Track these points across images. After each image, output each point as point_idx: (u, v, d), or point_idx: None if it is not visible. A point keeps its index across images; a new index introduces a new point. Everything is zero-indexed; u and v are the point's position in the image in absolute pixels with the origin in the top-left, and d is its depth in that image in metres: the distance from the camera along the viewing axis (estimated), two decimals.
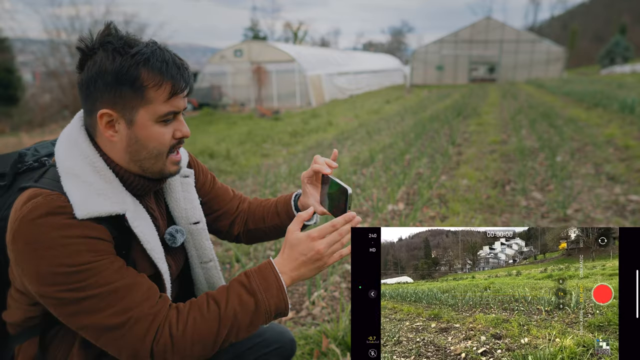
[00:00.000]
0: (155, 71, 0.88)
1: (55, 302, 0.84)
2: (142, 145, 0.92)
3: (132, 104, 0.89)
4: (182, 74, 0.92)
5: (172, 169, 0.98)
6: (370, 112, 14.28)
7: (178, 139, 0.96)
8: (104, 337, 0.85)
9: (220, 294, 0.93)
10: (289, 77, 18.57)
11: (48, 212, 0.82)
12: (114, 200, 0.90)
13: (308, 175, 1.14)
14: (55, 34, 17.57)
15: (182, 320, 0.88)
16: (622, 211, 3.92)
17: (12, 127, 13.72)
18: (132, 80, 0.87)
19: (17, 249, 0.83)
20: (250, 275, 0.94)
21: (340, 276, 2.88)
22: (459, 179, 5.20)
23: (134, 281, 0.87)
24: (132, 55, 0.87)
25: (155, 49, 0.90)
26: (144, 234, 0.93)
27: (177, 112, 0.94)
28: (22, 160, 1.01)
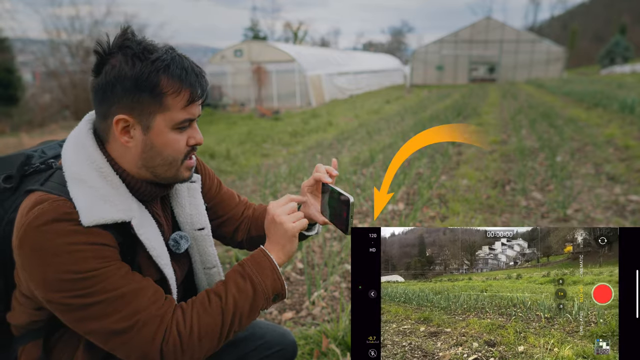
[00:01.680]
0: (175, 78, 0.88)
1: (63, 308, 0.84)
2: (157, 151, 0.92)
3: (150, 110, 0.88)
4: (200, 82, 0.92)
5: (185, 175, 0.99)
6: (370, 112, 14.27)
7: (192, 146, 0.96)
8: (112, 341, 0.85)
9: (219, 286, 0.96)
10: (289, 77, 18.55)
11: (54, 218, 0.82)
12: (120, 207, 0.89)
13: (309, 184, 1.12)
14: (55, 34, 17.57)
15: (188, 318, 0.89)
16: (622, 211, 3.92)
17: (12, 127, 13.71)
18: (151, 86, 0.86)
19: (23, 255, 0.83)
20: (244, 262, 0.98)
21: (340, 276, 2.88)
22: (459, 179, 5.20)
23: (140, 285, 0.88)
24: (153, 62, 0.86)
25: (175, 55, 0.90)
26: (149, 241, 0.93)
27: (192, 120, 0.94)
28: (28, 162, 0.99)
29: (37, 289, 0.84)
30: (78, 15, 18.77)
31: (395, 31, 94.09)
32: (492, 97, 17.68)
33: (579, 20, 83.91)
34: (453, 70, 34.63)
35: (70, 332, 0.94)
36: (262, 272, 0.96)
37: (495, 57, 33.85)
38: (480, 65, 34.57)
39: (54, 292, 0.82)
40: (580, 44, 64.40)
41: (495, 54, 33.82)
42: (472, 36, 33.98)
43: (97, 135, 0.95)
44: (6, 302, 0.98)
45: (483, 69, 34.71)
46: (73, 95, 15.98)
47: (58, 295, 0.82)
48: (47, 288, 0.82)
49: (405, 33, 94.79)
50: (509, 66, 33.65)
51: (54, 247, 0.81)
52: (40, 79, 19.39)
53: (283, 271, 2.93)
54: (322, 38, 77.80)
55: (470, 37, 34.03)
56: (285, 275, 2.93)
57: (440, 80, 34.16)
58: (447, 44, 34.62)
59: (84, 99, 15.47)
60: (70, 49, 17.44)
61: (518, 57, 33.35)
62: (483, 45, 33.84)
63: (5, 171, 0.98)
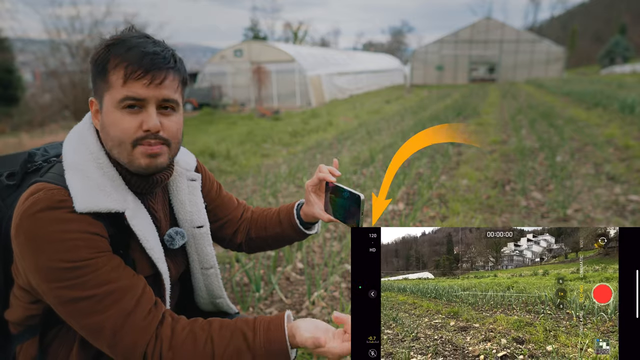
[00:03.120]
0: (118, 56, 0.88)
1: (56, 301, 0.85)
2: (107, 132, 0.92)
3: (102, 89, 0.91)
4: (145, 61, 0.87)
5: (142, 162, 0.91)
6: (370, 112, 14.27)
7: (145, 131, 0.90)
8: (99, 341, 0.86)
9: (221, 335, 0.89)
10: (289, 77, 18.56)
11: (48, 206, 0.83)
12: (115, 197, 0.90)
13: (313, 184, 1.13)
14: (55, 34, 17.55)
15: (176, 344, 0.86)
16: (622, 211, 3.92)
17: (12, 127, 13.72)
18: (102, 65, 0.89)
19: (19, 243, 0.84)
20: (257, 332, 0.88)
21: (340, 276, 2.88)
22: (459, 179, 5.20)
23: (130, 283, 0.87)
24: (107, 44, 0.89)
25: (133, 37, 0.89)
26: (142, 233, 0.93)
27: (137, 99, 0.88)
28: (31, 160, 1.02)
29: (33, 278, 0.85)
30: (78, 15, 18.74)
31: (395, 31, 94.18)
32: (492, 97, 17.68)
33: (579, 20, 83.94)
34: (453, 70, 34.65)
35: (66, 329, 0.95)
36: (270, 357, 0.87)
37: (495, 57, 33.87)
38: (480, 65, 34.59)
39: (47, 281, 0.83)
40: (580, 44, 64.43)
41: (495, 54, 33.84)
42: (472, 36, 34.00)
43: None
44: (4, 300, 0.99)
45: (483, 69, 34.73)
46: (73, 95, 15.97)
47: (50, 285, 0.83)
48: (40, 277, 0.83)
49: (405, 33, 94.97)
50: (509, 66, 33.67)
51: (47, 234, 0.81)
52: (40, 79, 19.40)
53: (283, 271, 2.93)
54: (322, 38, 77.88)
55: (470, 37, 34.05)
56: (284, 275, 2.94)
57: (440, 80, 34.17)
58: (447, 44, 34.63)
59: (84, 99, 15.46)
60: (70, 49, 17.43)
61: (518, 57, 33.37)
62: (483, 45, 33.86)
63: (9, 169, 1.01)
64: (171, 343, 0.86)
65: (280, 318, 0.90)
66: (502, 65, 33.74)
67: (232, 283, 2.74)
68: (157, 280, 0.99)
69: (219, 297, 1.22)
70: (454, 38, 34.52)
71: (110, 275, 0.85)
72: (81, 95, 15.68)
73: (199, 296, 1.22)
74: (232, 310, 1.27)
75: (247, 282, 2.85)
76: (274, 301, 2.63)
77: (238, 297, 2.60)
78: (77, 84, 15.98)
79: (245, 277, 2.90)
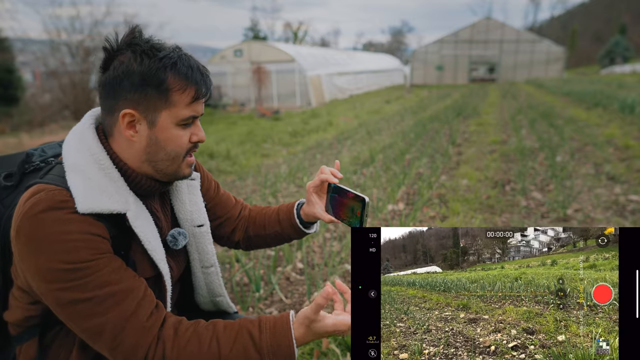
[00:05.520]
0: (181, 76, 0.90)
1: (55, 303, 0.84)
2: (161, 146, 0.94)
3: (156, 105, 0.90)
4: (205, 81, 0.95)
5: (186, 172, 1.00)
6: (370, 112, 14.27)
7: (194, 143, 0.98)
8: (99, 343, 0.85)
9: (226, 336, 0.89)
10: (289, 77, 18.55)
11: (50, 207, 0.83)
12: (116, 198, 0.90)
13: (314, 185, 1.15)
14: (55, 34, 17.51)
15: (179, 344, 0.87)
16: (622, 211, 3.93)
17: (12, 127, 13.70)
18: (158, 82, 0.89)
19: (19, 244, 0.83)
20: (263, 330, 0.90)
21: (340, 276, 2.88)
22: (459, 179, 5.20)
23: (131, 285, 0.87)
24: (160, 59, 0.89)
25: (182, 54, 0.92)
26: (144, 234, 0.93)
27: (196, 117, 0.96)
28: (29, 160, 1.02)
29: (33, 280, 0.84)
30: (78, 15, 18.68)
31: (395, 31, 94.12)
32: (492, 97, 17.68)
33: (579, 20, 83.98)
34: (453, 70, 34.65)
35: (66, 330, 0.95)
36: (276, 356, 0.89)
37: (495, 57, 33.87)
38: (480, 65, 34.59)
39: (46, 282, 0.82)
40: (580, 44, 64.43)
41: (495, 54, 33.84)
42: (472, 36, 34.00)
43: (101, 130, 0.97)
44: (4, 301, 0.99)
45: (483, 69, 34.73)
46: (73, 95, 15.95)
47: (50, 286, 0.82)
48: (40, 278, 0.83)
49: (405, 33, 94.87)
50: (509, 66, 33.67)
51: (48, 235, 0.81)
52: (40, 78, 19.39)
53: (283, 271, 2.93)
54: (322, 38, 77.83)
55: (470, 37, 34.05)
56: (284, 275, 2.94)
57: (440, 80, 34.17)
58: (447, 44, 34.63)
59: (84, 99, 15.46)
60: (70, 49, 17.41)
61: (518, 57, 33.37)
62: (483, 45, 33.86)
63: (7, 170, 1.00)
64: (174, 344, 0.86)
65: (286, 316, 0.92)
66: (502, 65, 33.74)
67: (232, 283, 2.74)
68: (159, 281, 0.99)
69: (220, 295, 1.23)
70: (454, 38, 34.51)
71: (111, 277, 0.85)
72: (81, 95, 15.66)
73: (199, 295, 1.22)
74: (232, 309, 1.28)
75: (247, 282, 2.85)
76: (274, 301, 2.63)
77: (238, 297, 2.60)
78: (77, 84, 15.95)
79: (245, 277, 2.90)
